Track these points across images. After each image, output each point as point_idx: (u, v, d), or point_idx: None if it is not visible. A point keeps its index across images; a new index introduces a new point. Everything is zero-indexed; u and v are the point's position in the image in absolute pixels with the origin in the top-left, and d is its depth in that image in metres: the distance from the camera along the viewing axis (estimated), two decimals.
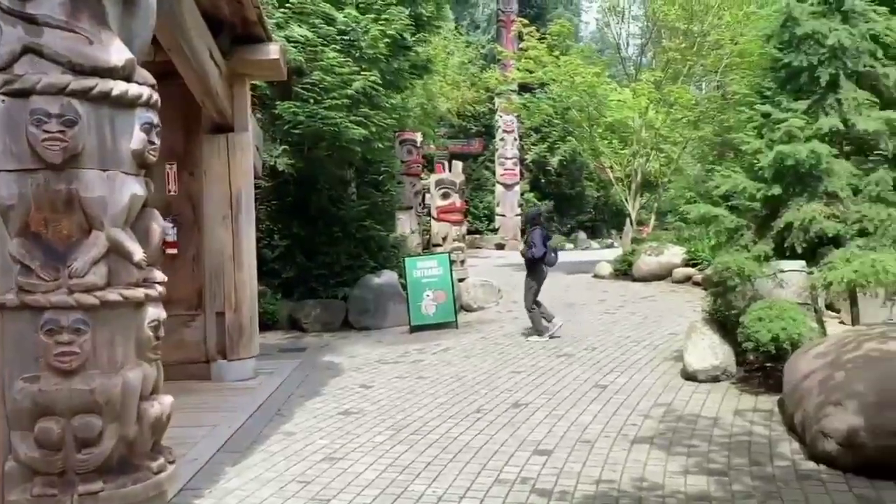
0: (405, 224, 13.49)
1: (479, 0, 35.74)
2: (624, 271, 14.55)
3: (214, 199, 7.67)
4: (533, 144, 27.89)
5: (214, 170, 7.64)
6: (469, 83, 22.59)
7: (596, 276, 14.97)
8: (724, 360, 6.71)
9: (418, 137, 13.74)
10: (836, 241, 6.34)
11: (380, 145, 9.80)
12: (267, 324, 10.99)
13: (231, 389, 7.41)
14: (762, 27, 8.00)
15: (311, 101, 9.47)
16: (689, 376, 6.81)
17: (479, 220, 28.22)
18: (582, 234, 28.89)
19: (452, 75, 21.27)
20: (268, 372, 8.19)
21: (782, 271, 6.47)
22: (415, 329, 10.55)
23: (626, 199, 15.61)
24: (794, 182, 6.44)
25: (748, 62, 13.00)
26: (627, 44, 16.11)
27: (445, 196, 12.12)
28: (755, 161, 6.85)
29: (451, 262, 11.98)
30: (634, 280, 13.96)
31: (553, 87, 15.58)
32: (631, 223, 15.45)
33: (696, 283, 12.87)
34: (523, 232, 27.68)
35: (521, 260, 10.61)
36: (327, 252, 11.30)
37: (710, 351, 6.75)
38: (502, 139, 26.95)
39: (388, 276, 11.32)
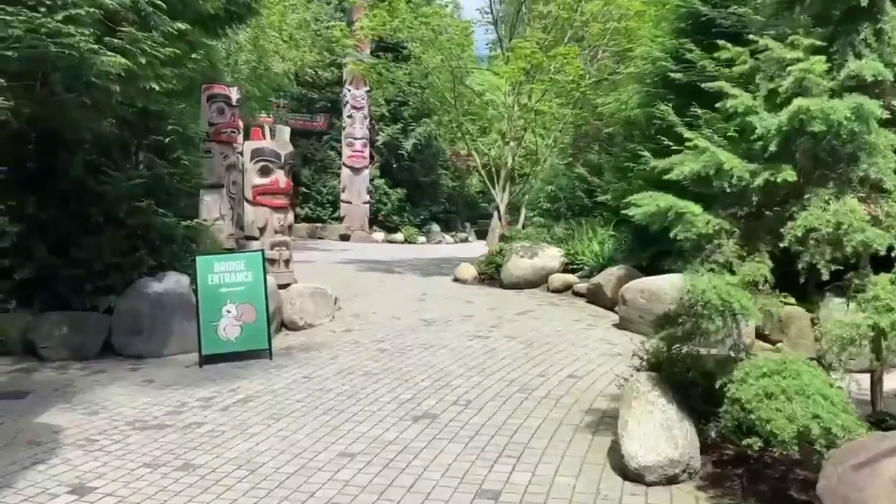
0: (211, 208, 10.08)
1: None
2: (490, 275, 11.98)
3: None
4: (385, 125, 24.95)
5: None
6: (311, 42, 19.18)
7: (457, 279, 12.31)
8: (687, 449, 4.12)
9: (233, 93, 10.35)
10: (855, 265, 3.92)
11: (153, 87, 6.43)
12: None
13: None
14: None
15: (38, 7, 5.96)
16: (632, 475, 4.15)
17: (321, 207, 24.91)
18: (435, 227, 26.37)
19: (290, 31, 17.85)
20: None
21: (789, 304, 3.98)
22: (207, 360, 7.29)
23: (495, 190, 13.04)
24: (811, 163, 3.94)
25: (647, 27, 10.81)
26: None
27: (265, 172, 8.89)
28: (737, 129, 4.31)
29: (269, 263, 8.79)
30: (504, 286, 11.41)
31: (411, 47, 12.75)
32: (499, 217, 12.90)
33: (578, 294, 10.53)
34: (372, 222, 24.77)
35: (368, 256, 7.65)
36: (82, 244, 7.76)
37: (664, 433, 4.13)
38: (350, 116, 23.77)
39: (174, 281, 7.94)
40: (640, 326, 8.02)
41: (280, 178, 8.95)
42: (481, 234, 28.45)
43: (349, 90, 23.54)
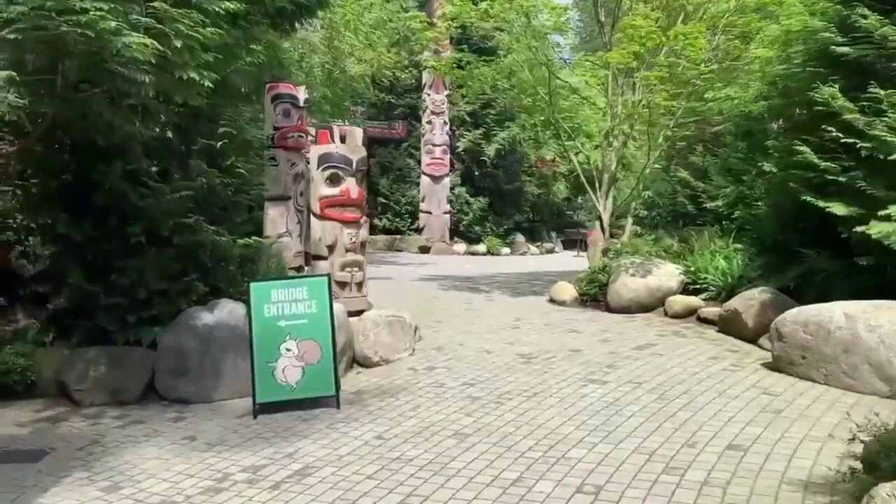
0: (277, 222, 8.92)
1: None
2: (594, 296, 10.34)
3: None
4: (466, 131, 23.55)
5: None
6: (388, 41, 17.96)
7: (554, 301, 10.72)
8: None
9: (301, 93, 9.17)
10: None
11: (192, 76, 5.19)
12: (13, 390, 6.33)
13: None
14: None
15: None
16: None
17: (400, 218, 23.69)
18: (520, 237, 24.69)
19: (366, 31, 16.71)
20: None
21: None
22: (263, 409, 6.00)
23: (595, 197, 11.40)
24: None
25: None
26: None
27: (334, 180, 7.60)
28: None
29: (339, 287, 7.52)
30: (611, 310, 9.77)
31: (499, 37, 11.33)
32: (602, 228, 11.25)
33: (705, 321, 8.79)
34: (453, 233, 23.39)
35: (450, 270, 6.27)
36: (123, 268, 6.63)
37: None
38: (430, 122, 22.46)
39: (227, 311, 6.73)
40: (802, 369, 6.29)
41: (351, 187, 7.63)
42: (568, 245, 26.68)
43: (428, 94, 22.28)
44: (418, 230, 22.91)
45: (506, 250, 23.39)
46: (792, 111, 9.31)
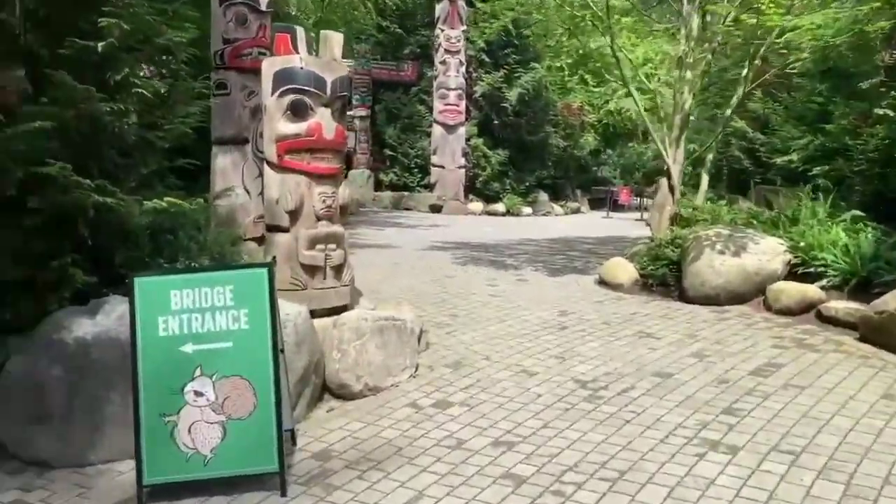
0: (230, 175, 6.33)
1: None
2: (661, 278, 7.73)
3: None
4: (485, 73, 20.68)
5: None
6: None
7: (605, 282, 8.11)
8: None
9: None
10: None
11: None
12: None
13: None
14: None
15: None
16: None
17: (409, 173, 21.01)
18: (543, 195, 21.94)
19: None
20: None
21: None
22: (156, 495, 3.50)
23: (665, 147, 8.65)
24: None
25: None
26: None
27: (297, 112, 4.97)
28: None
29: (308, 274, 4.99)
30: (687, 299, 7.17)
31: None
32: (671, 188, 8.52)
33: (832, 321, 6.19)
34: (468, 190, 20.70)
35: (467, 235, 4.17)
36: None
37: None
38: (444, 62, 19.58)
39: (115, 317, 4.17)
40: None
41: (324, 122, 4.99)
42: (595, 204, 24.04)
43: (442, 29, 19.39)
44: (429, 186, 20.25)
45: (527, 210, 20.75)
46: None
